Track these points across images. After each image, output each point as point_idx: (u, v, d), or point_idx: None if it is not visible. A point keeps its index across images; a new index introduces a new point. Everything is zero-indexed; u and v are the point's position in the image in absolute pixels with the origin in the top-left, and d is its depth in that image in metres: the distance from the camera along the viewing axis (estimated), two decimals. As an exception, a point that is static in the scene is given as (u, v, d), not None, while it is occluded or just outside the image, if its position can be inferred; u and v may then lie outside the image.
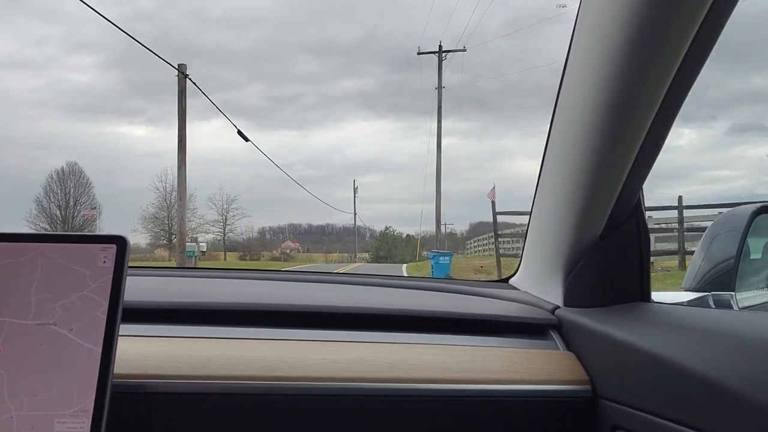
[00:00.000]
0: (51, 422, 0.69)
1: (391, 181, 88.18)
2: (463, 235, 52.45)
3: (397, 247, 45.38)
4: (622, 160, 0.84)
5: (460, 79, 65.47)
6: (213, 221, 39.84)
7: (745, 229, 1.08)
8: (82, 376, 0.71)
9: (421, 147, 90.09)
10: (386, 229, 48.82)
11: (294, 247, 50.47)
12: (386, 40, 79.52)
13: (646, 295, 0.95)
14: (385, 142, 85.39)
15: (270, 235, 55.38)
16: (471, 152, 74.88)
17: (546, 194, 1.02)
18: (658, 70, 0.73)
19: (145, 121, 66.92)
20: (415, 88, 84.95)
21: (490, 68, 61.85)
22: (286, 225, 59.77)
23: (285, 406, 0.83)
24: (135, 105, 65.95)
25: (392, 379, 0.84)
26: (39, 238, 0.77)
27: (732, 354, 0.67)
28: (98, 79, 59.68)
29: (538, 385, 0.86)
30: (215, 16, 73.53)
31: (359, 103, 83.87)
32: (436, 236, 28.92)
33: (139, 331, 0.90)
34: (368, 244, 53.35)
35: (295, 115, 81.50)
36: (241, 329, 0.94)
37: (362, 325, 0.97)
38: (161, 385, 0.81)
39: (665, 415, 0.72)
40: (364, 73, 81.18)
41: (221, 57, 72.44)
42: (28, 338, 0.72)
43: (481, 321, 1.02)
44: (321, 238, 59.01)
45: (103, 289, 0.74)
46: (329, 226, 56.61)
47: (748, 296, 1.09)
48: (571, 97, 0.88)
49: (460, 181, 68.06)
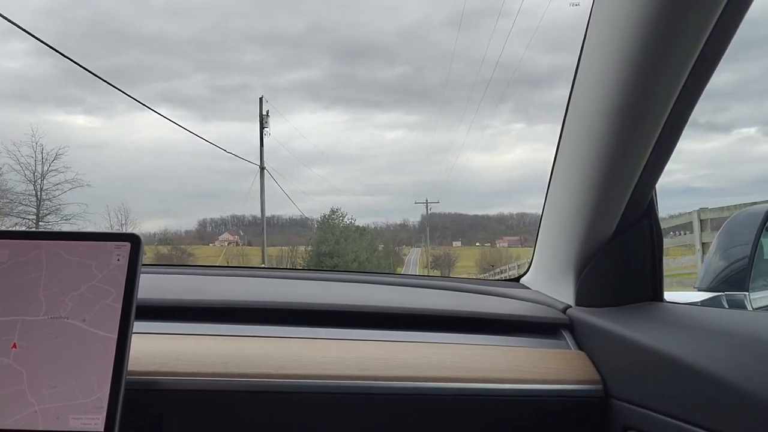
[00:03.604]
0: (74, 412, 0.71)
1: (340, 173, 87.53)
2: (415, 227, 51.89)
3: (348, 241, 33.55)
4: (634, 160, 0.83)
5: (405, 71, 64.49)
6: (22, 192, 20.19)
7: (759, 229, 1.07)
8: (100, 363, 0.72)
9: (369, 139, 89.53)
10: (332, 214, 34.92)
11: (232, 240, 46.08)
12: (332, 32, 78.65)
13: (659, 295, 0.94)
14: (333, 134, 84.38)
15: (211, 227, 52.87)
16: (419, 145, 74.37)
17: (558, 193, 1.02)
18: (672, 70, 0.73)
19: (84, 110, 65.89)
20: (362, 80, 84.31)
21: (434, 60, 61.17)
22: (229, 216, 56.71)
23: (294, 404, 0.83)
24: (72, 93, 64.66)
25: (402, 378, 0.84)
26: (53, 236, 0.78)
27: (745, 355, 0.66)
28: (32, 65, 57.78)
29: (550, 384, 0.86)
30: (156, 4, 72.19)
31: (305, 94, 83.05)
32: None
33: (150, 329, 0.90)
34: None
35: (240, 107, 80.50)
36: (250, 327, 0.94)
37: (372, 323, 0.97)
38: (172, 382, 0.81)
39: (677, 415, 0.72)
40: (310, 65, 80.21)
41: (162, 45, 70.99)
42: (43, 333, 0.73)
43: (492, 320, 1.01)
44: (267, 230, 56.86)
45: (110, 278, 0.75)
46: (275, 217, 53.82)
47: (761, 296, 1.08)
48: (583, 97, 0.88)
49: (409, 173, 67.21)
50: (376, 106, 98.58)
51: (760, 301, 1.08)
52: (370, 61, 65.03)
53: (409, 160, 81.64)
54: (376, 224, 40.69)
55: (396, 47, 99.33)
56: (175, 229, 43.27)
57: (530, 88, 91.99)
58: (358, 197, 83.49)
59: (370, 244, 36.69)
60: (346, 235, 34.07)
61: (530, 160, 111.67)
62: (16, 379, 0.71)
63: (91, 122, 65.10)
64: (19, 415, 0.70)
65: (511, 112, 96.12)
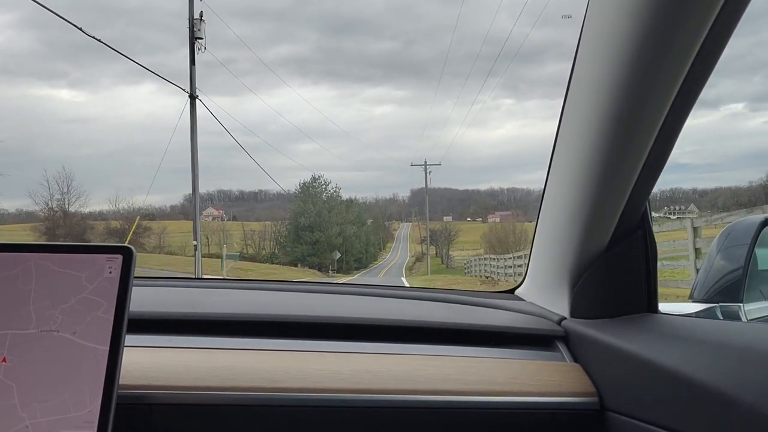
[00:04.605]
0: (65, 426, 0.70)
1: (329, 149, 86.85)
2: (405, 201, 51.40)
3: (332, 213, 29.88)
4: (628, 171, 0.84)
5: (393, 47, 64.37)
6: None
7: (753, 240, 1.07)
8: (91, 376, 0.72)
9: (357, 114, 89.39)
10: (313, 182, 30.79)
11: (217, 214, 43.96)
12: (319, 5, 78.18)
13: (654, 306, 0.94)
14: (321, 109, 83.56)
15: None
16: (408, 120, 74.25)
17: (552, 204, 1.02)
18: (665, 81, 0.73)
19: (68, 84, 64.79)
20: (350, 54, 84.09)
21: (423, 34, 61.10)
22: (215, 191, 55.71)
23: (288, 417, 0.82)
24: (56, 67, 63.48)
25: (396, 391, 0.84)
26: (42, 249, 0.77)
27: (740, 366, 0.66)
28: (14, 39, 56.72)
29: (545, 397, 0.85)
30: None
31: (293, 69, 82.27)
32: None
33: (141, 342, 0.89)
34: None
35: (228, 81, 79.27)
36: (243, 340, 0.94)
37: (366, 336, 0.97)
38: (164, 396, 0.80)
39: (673, 427, 0.71)
40: (297, 39, 79.61)
41: (146, 18, 69.95)
42: (33, 347, 0.72)
43: (487, 332, 1.01)
44: (253, 205, 55.01)
45: (100, 289, 0.75)
46: (262, 192, 51.99)
47: (756, 308, 1.08)
48: (577, 107, 0.88)
49: (397, 149, 66.72)
50: (365, 81, 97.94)
51: (754, 312, 1.08)
52: (357, 35, 64.96)
53: (398, 135, 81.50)
54: (365, 199, 39.17)
55: (384, 20, 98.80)
56: (161, 204, 42.08)
57: (520, 63, 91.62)
58: (347, 173, 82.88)
59: (357, 217, 33.36)
60: (329, 207, 30.93)
61: (520, 136, 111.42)
62: (6, 393, 0.70)
63: (76, 96, 64.33)
64: (10, 430, 0.69)
65: (500, 87, 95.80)
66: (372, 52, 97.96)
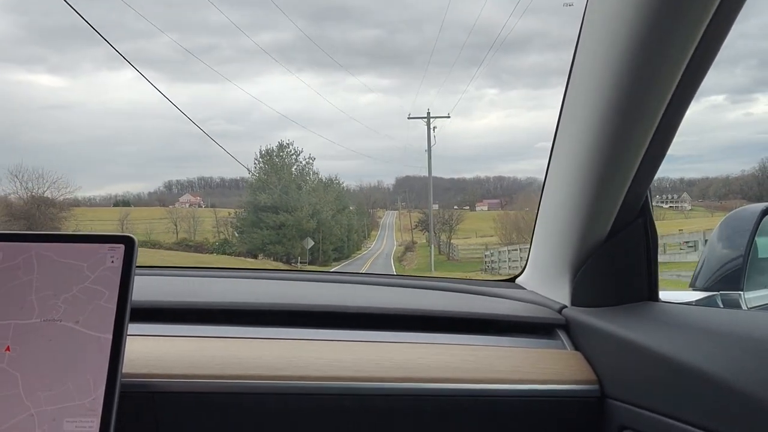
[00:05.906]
0: (70, 414, 0.70)
1: (313, 138, 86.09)
2: (389, 189, 51.03)
3: (302, 191, 24.07)
4: (629, 160, 0.83)
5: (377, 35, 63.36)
6: None
7: (753, 228, 1.07)
8: (94, 364, 0.72)
9: (341, 103, 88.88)
10: (280, 150, 24.66)
11: (194, 201, 41.30)
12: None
13: (654, 295, 0.94)
14: (305, 98, 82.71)
15: (177, 189, 48.78)
16: (393, 109, 73.88)
17: (553, 193, 1.02)
18: (666, 72, 0.73)
19: (47, 70, 64.11)
20: (334, 42, 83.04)
21: (407, 23, 60.09)
22: (196, 178, 54.23)
23: (290, 406, 0.83)
24: (34, 52, 62.73)
25: (397, 379, 0.84)
26: (44, 238, 0.78)
27: (740, 354, 0.66)
28: None
29: (546, 384, 0.86)
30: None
31: (277, 56, 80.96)
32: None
33: (144, 331, 0.90)
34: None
35: (210, 68, 78.05)
36: (245, 329, 0.94)
37: (368, 324, 0.97)
38: (167, 384, 0.81)
39: (673, 414, 0.72)
40: (281, 26, 78.68)
41: (128, 3, 69.13)
42: (36, 337, 0.73)
43: (488, 321, 1.01)
44: (235, 192, 54.29)
45: (102, 278, 0.75)
46: (243, 180, 51.24)
47: (756, 296, 1.09)
48: (578, 97, 0.88)
49: (382, 138, 66.01)
50: (349, 69, 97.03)
51: (754, 300, 1.08)
52: (341, 23, 63.96)
53: (382, 123, 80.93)
54: (348, 186, 38.40)
55: (368, 6, 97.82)
56: (140, 192, 41.25)
57: (503, 52, 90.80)
58: (331, 161, 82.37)
59: (337, 199, 27.51)
60: (298, 183, 24.52)
61: (504, 126, 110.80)
62: (11, 383, 0.71)
63: (56, 82, 63.41)
64: (15, 419, 0.70)
65: (483, 77, 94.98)
66: (356, 39, 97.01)
